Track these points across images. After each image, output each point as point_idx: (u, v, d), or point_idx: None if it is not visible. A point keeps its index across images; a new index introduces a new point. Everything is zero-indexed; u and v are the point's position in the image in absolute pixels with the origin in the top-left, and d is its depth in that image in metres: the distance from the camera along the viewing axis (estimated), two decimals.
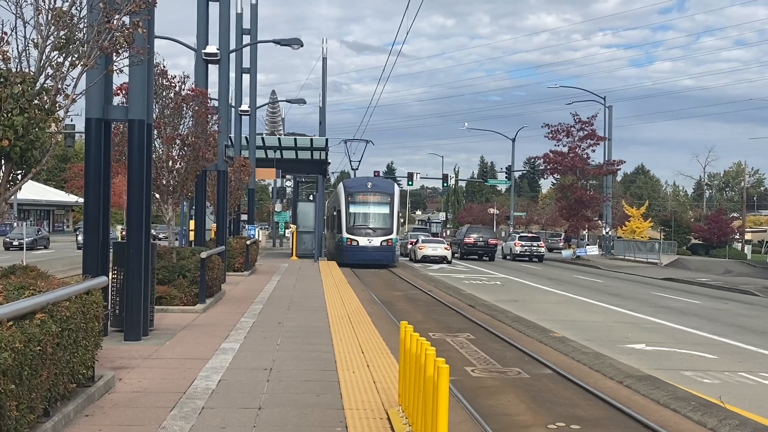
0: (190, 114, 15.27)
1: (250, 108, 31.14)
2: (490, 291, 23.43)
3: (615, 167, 50.90)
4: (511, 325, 15.37)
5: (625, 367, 10.87)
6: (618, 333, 14.98)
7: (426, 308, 18.22)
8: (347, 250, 31.48)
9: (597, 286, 27.26)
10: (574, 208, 48.95)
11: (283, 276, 24.01)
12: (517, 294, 22.70)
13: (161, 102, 14.70)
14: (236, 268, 23.52)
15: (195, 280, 14.37)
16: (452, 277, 28.72)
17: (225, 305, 15.43)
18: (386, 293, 21.65)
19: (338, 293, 18.66)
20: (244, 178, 26.29)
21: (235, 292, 18.16)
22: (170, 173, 14.92)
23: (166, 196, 15.01)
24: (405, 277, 28.03)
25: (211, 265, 15.10)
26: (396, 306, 18.38)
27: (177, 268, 14.40)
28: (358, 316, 14.38)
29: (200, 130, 15.36)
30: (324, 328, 12.62)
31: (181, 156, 15.05)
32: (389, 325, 14.44)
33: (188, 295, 14.24)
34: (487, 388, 9.43)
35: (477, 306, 18.68)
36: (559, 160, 48.68)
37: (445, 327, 14.91)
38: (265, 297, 17.26)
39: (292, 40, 22.57)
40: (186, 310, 13.86)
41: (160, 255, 14.29)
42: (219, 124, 17.58)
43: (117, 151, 13.85)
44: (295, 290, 19.38)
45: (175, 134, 14.85)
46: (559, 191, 54.22)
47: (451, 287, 23.83)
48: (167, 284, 14.10)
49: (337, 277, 24.31)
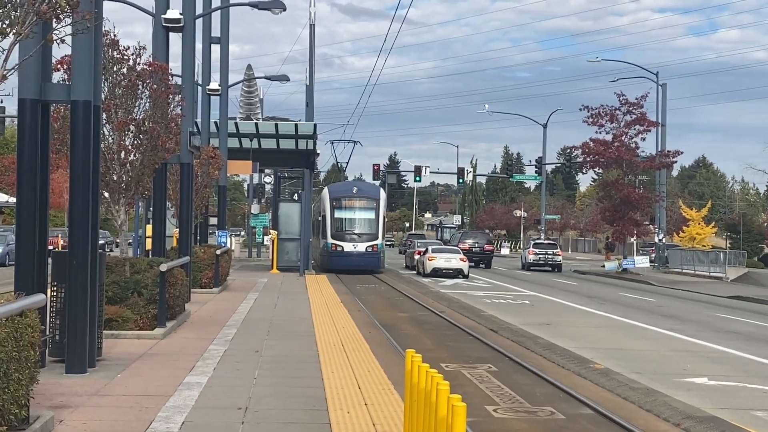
0: (147, 94, 15.26)
1: (221, 87, 31.16)
2: (516, 312, 23.46)
3: (670, 159, 51.00)
4: (542, 354, 15.39)
5: (683, 406, 10.87)
6: (674, 364, 14.98)
7: (437, 333, 18.23)
8: (332, 255, 37.00)
9: (648, 306, 27.28)
10: (619, 209, 48.98)
11: (261, 293, 24.03)
12: (550, 315, 22.73)
13: (111, 79, 14.68)
14: (204, 284, 23.56)
15: (153, 299, 14.37)
16: (469, 295, 28.75)
17: (190, 329, 15.43)
18: (388, 315, 21.66)
19: (329, 315, 18.67)
20: (213, 172, 26.32)
21: (202, 314, 18.16)
22: (122, 167, 14.92)
23: (117, 195, 15.01)
24: (411, 294, 28.06)
25: (173, 281, 15.12)
26: (400, 330, 18.38)
27: (131, 284, 14.40)
28: (353, 342, 14.38)
29: (159, 114, 15.36)
30: (312, 357, 12.61)
31: (136, 145, 15.05)
32: (392, 354, 14.41)
33: (145, 317, 14.23)
34: (513, 431, 9.42)
35: (500, 331, 18.72)
36: (601, 151, 48.74)
37: (460, 356, 14.90)
38: (240, 319, 17.27)
39: (272, 3, 22.62)
40: (142, 335, 13.87)
41: (110, 267, 14.28)
42: (183, 107, 17.58)
43: (57, 140, 13.87)
44: (276, 311, 19.38)
45: (128, 119, 14.85)
46: (600, 189, 54.32)
47: (468, 307, 23.87)
48: (119, 304, 14.10)
49: (328, 294, 24.32)
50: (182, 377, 10.65)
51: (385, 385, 10.55)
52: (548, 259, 48.84)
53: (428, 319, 20.96)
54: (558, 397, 11.51)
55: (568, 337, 18.17)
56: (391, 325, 19.21)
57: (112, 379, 10.45)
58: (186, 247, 20.09)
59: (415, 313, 22.30)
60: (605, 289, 35.26)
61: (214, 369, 11.35)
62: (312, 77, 39.66)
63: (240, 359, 12.23)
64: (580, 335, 18.69)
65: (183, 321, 16.22)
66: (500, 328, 19.18)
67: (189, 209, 20.34)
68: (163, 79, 15.64)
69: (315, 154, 39.08)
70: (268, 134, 36.88)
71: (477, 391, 11.71)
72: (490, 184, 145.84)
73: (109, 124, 14.71)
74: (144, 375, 10.76)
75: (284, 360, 12.31)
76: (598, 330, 19.94)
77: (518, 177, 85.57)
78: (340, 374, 11.23)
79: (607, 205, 50.56)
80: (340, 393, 9.94)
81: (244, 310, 19.10)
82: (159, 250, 18.86)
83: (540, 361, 14.63)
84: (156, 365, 11.51)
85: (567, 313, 23.67)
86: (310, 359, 12.41)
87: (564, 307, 25.61)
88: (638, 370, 14.02)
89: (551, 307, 25.40)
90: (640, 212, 50.30)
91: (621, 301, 28.56)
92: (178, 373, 10.89)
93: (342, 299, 23.23)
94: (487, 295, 29.33)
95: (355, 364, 12.07)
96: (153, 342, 13.56)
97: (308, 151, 38.10)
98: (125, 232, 15.59)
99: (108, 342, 12.82)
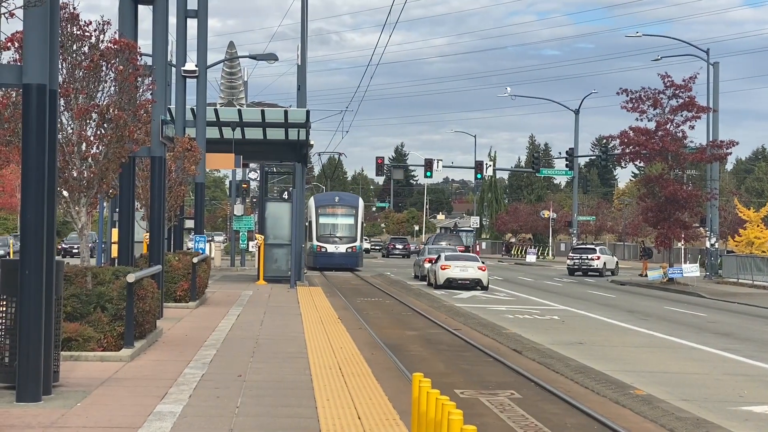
0: (112, 76, 15.30)
1: (199, 68, 31.22)
2: (543, 329, 23.49)
3: (723, 150, 50.90)
4: (573, 379, 15.43)
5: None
6: (728, 389, 14.98)
7: (451, 354, 18.28)
8: (318, 255, 48.22)
9: (698, 322, 27.25)
10: (664, 209, 48.86)
11: (245, 308, 24.07)
12: (583, 333, 22.75)
13: (71, 59, 14.73)
14: (178, 297, 23.59)
15: (119, 315, 14.38)
16: (489, 310, 28.77)
17: (162, 350, 15.44)
18: (394, 333, 21.69)
19: (325, 333, 18.70)
20: (189, 167, 26.34)
21: (176, 332, 18.19)
22: (83, 161, 14.95)
23: (77, 194, 15.03)
24: (421, 309, 28.08)
25: (143, 293, 15.12)
26: (408, 351, 18.41)
27: (93, 298, 14.40)
28: (353, 365, 14.39)
29: (126, 100, 15.39)
30: (304, 382, 12.61)
31: (100, 136, 15.08)
32: (398, 380, 14.42)
33: (109, 336, 14.23)
34: None
35: (525, 351, 18.76)
36: (642, 141, 48.64)
37: (478, 381, 14.93)
38: (220, 338, 17.30)
39: None
40: (106, 357, 13.87)
41: (69, 278, 14.29)
42: (153, 91, 17.59)
43: (8, 130, 13.89)
44: (262, 328, 19.42)
45: (90, 105, 14.89)
46: (642, 185, 54.16)
47: (488, 324, 23.91)
48: (79, 320, 14.10)
49: (324, 310, 24.35)
50: (153, 406, 10.64)
51: (389, 415, 10.54)
52: (582, 263, 50.63)
53: (441, 338, 21.00)
54: (592, 428, 11.50)
55: (604, 358, 18.18)
56: (397, 345, 19.25)
57: (71, 408, 10.43)
58: (157, 254, 20.10)
59: (425, 331, 22.33)
60: (648, 302, 35.22)
61: (189, 396, 11.34)
62: (304, 56, 39.61)
63: (220, 385, 12.22)
64: (618, 356, 18.69)
65: (154, 340, 16.22)
66: (525, 348, 19.21)
67: (161, 210, 20.36)
68: (130, 59, 15.65)
69: (308, 146, 39.09)
70: (254, 122, 36.87)
71: (497, 422, 11.70)
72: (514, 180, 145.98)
73: (67, 112, 14.74)
74: (108, 403, 10.76)
75: (272, 386, 12.30)
76: (639, 350, 19.94)
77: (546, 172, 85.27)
78: (337, 402, 11.22)
79: (649, 204, 50.40)
80: (337, 424, 9.93)
81: (225, 328, 19.11)
82: (126, 258, 18.84)
83: (571, 387, 14.64)
84: (122, 392, 11.50)
85: (603, 331, 23.69)
86: (302, 385, 12.39)
87: (600, 324, 25.61)
88: (686, 397, 14.01)
89: (585, 324, 25.40)
90: (689, 212, 50.15)
91: (666, 317, 28.54)
92: (148, 401, 10.88)
93: (340, 315, 23.25)
94: (509, 309, 29.33)
95: (354, 391, 12.05)
96: (119, 365, 13.55)
97: (300, 142, 38.09)
98: (87, 237, 15.61)
99: (66, 365, 12.81)
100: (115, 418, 9.96)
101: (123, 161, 16.06)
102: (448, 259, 40.00)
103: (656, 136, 48.57)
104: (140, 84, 16.16)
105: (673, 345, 21.05)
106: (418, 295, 34.92)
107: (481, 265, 39.37)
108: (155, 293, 16.05)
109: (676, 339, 22.13)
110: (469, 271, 38.78)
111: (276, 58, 35.58)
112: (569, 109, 76.76)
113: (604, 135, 61.34)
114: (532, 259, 79.44)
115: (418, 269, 47.58)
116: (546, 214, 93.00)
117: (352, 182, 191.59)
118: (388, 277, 47.58)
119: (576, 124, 74.44)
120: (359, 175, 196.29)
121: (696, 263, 53.68)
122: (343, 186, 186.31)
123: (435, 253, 44.26)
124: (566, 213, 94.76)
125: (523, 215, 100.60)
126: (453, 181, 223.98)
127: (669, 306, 33.22)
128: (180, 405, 10.77)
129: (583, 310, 29.59)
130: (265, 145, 39.41)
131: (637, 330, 24.11)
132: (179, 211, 27.37)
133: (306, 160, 39.37)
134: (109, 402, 10.86)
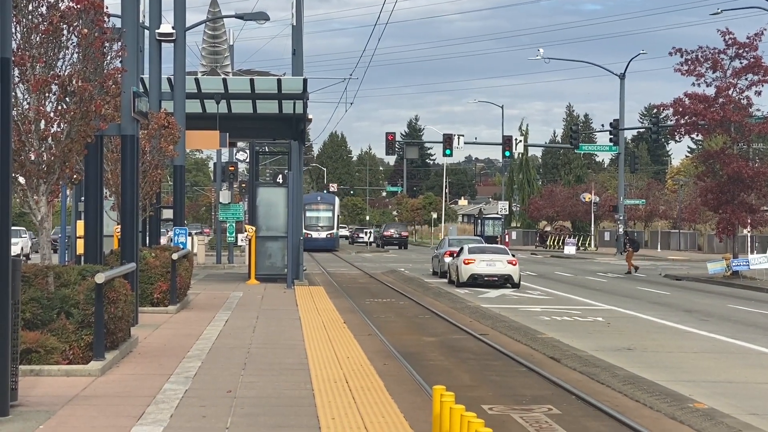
0: (75, 41, 15.30)
1: (176, 30, 31.21)
2: (585, 333, 23.48)
3: None
4: (621, 391, 15.40)
5: None
6: None
7: (477, 364, 18.27)
8: (306, 241, 51.25)
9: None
10: (726, 190, 48.74)
11: (234, 312, 24.13)
12: (632, 337, 22.72)
13: (26, 22, 14.72)
14: (156, 301, 23.65)
15: (87, 321, 14.40)
16: (521, 311, 28.76)
17: (138, 362, 15.46)
18: (410, 339, 21.71)
19: (328, 340, 18.74)
20: (166, 147, 26.38)
21: (154, 340, 18.23)
22: (42, 141, 14.96)
23: (36, 181, 15.04)
24: (441, 311, 28.10)
25: (114, 296, 15.15)
26: (427, 361, 18.42)
27: (56, 302, 14.41)
28: (362, 378, 14.42)
29: (92, 69, 15.39)
30: (304, 398, 12.62)
31: (61, 112, 15.10)
32: (415, 394, 14.43)
33: (76, 347, 14.24)
34: None
35: (563, 359, 18.75)
36: (700, 110, 48.45)
37: (509, 395, 14.92)
38: (206, 348, 17.34)
39: None
40: (73, 371, 13.91)
41: (27, 279, 14.31)
42: (124, 58, 17.59)
43: None
44: (255, 336, 19.46)
45: (50, 76, 14.90)
46: (700, 162, 54.05)
47: (520, 328, 23.89)
48: (40, 328, 14.13)
49: (327, 312, 24.40)
50: (128, 428, 10.67)
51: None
52: None
53: (465, 345, 21.00)
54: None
55: (657, 366, 18.14)
56: (414, 353, 19.25)
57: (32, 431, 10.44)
58: (131, 250, 20.12)
59: (446, 337, 22.33)
60: (708, 299, 35.15)
61: (171, 416, 11.37)
62: (300, 14, 39.54)
63: (206, 402, 12.23)
64: (674, 364, 18.64)
65: (128, 351, 16.26)
66: (564, 355, 19.19)
67: (134, 198, 20.37)
68: (96, 22, 15.65)
69: (305, 120, 39.03)
70: (241, 94, 36.83)
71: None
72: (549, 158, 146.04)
73: (23, 84, 14.74)
74: (76, 425, 10.79)
75: (267, 403, 12.30)
76: (698, 356, 19.88)
77: (586, 148, 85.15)
78: (344, 421, 11.24)
79: (709, 184, 50.25)
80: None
81: (211, 336, 19.14)
82: (94, 255, 18.86)
83: (619, 400, 14.62)
84: (92, 412, 11.52)
85: (656, 334, 23.65)
86: (302, 402, 12.40)
87: (652, 326, 25.57)
88: (755, 411, 13.99)
89: (634, 326, 25.36)
90: (756, 194, 49.99)
91: (730, 317, 28.47)
92: (122, 423, 10.91)
93: (346, 319, 23.26)
94: (545, 310, 29.31)
95: (364, 408, 12.07)
96: (88, 380, 13.58)
97: (296, 117, 38.04)
98: (47, 230, 15.63)
99: (26, 381, 12.85)
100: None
101: (89, 141, 16.06)
102: (473, 251, 39.84)
103: (716, 103, 48.37)
104: (108, 50, 16.16)
105: (739, 350, 20.97)
106: (437, 294, 34.90)
107: (512, 259, 39.27)
108: (129, 296, 16.08)
109: (743, 343, 22.04)
110: (497, 266, 38.68)
111: (267, 17, 35.49)
112: (613, 73, 76.72)
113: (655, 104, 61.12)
114: (571, 251, 79.12)
115: (437, 264, 47.49)
116: (587, 197, 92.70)
117: (359, 162, 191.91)
118: (401, 274, 47.62)
119: (621, 90, 74.29)
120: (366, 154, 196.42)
121: (765, 253, 53.54)
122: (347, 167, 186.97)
123: (456, 245, 44.13)
124: (611, 196, 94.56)
125: (560, 199, 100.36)
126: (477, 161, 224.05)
127: (733, 304, 33.14)
128: (160, 426, 10.80)
129: (631, 310, 29.54)
130: (255, 120, 39.40)
131: (696, 333, 24.04)
132: (155, 199, 27.39)
133: (304, 138, 39.35)
134: (77, 424, 10.89)
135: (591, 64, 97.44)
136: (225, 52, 52.02)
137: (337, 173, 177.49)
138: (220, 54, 51.48)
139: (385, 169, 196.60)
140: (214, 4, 50.71)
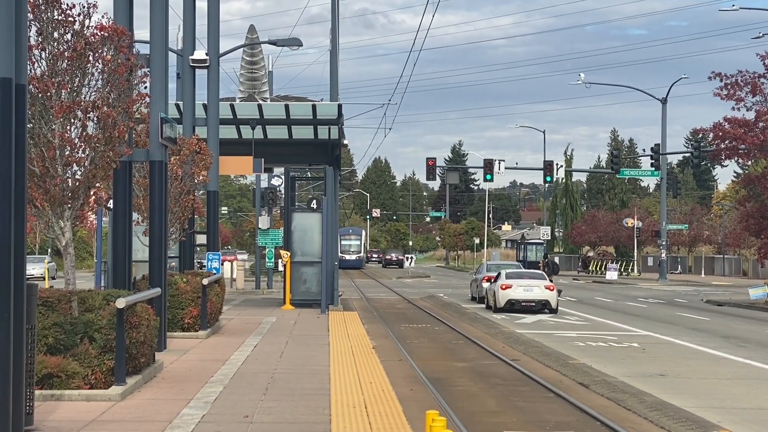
0: (100, 68, 15.41)
1: (210, 56, 31.24)
2: (619, 359, 23.31)
3: None
4: (647, 417, 15.32)
5: None
6: None
7: (505, 389, 18.21)
8: (340, 262, 53.75)
9: None
10: (767, 215, 48.28)
11: (264, 337, 24.14)
12: (666, 363, 22.54)
13: (51, 49, 14.84)
14: (186, 326, 23.61)
15: (109, 347, 14.44)
16: (556, 337, 28.58)
17: (159, 387, 15.50)
18: (440, 365, 21.65)
19: (353, 365, 18.69)
20: (199, 172, 26.41)
21: (179, 366, 18.26)
22: (66, 167, 15.05)
23: (60, 207, 15.12)
24: (474, 336, 27.98)
25: (136, 321, 15.18)
26: (454, 386, 18.36)
27: (80, 327, 14.46)
28: (382, 403, 14.36)
29: (116, 95, 15.51)
30: (320, 424, 12.59)
31: (85, 138, 15.19)
32: None
33: (98, 372, 14.28)
34: None
35: (592, 385, 18.64)
36: (739, 134, 48.07)
37: (533, 421, 14.87)
38: (230, 373, 17.36)
39: None
40: (93, 395, 13.94)
41: (50, 305, 14.36)
42: (151, 84, 17.68)
43: None
44: (281, 361, 19.45)
45: (74, 102, 15.00)
46: (742, 187, 53.56)
47: (552, 353, 23.74)
48: (63, 353, 14.17)
49: (357, 338, 24.36)
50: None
51: None
52: None
53: (495, 371, 20.94)
54: None
55: (688, 392, 18.01)
56: (441, 379, 19.24)
57: None
58: (159, 275, 20.16)
59: (477, 363, 22.28)
60: (747, 325, 34.80)
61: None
62: (335, 38, 39.56)
63: (222, 427, 12.25)
64: (705, 390, 18.49)
65: (152, 376, 16.29)
66: (593, 381, 19.07)
67: (162, 224, 20.42)
68: (120, 48, 15.76)
69: (341, 146, 38.98)
70: (276, 119, 36.79)
71: None
72: (593, 183, 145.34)
73: (48, 110, 14.85)
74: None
75: (282, 429, 12.31)
76: (732, 383, 19.71)
77: (628, 173, 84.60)
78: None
79: (750, 209, 49.80)
80: None
81: (237, 360, 19.17)
82: (122, 280, 18.93)
83: (643, 426, 14.54)
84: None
85: (691, 360, 23.47)
86: (317, 428, 12.38)
87: (687, 352, 25.37)
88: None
89: (669, 352, 25.16)
90: None
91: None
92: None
93: (378, 344, 23.27)
94: (580, 336, 29.11)
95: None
96: (107, 405, 13.61)
97: (331, 142, 37.98)
98: (72, 255, 15.70)
99: (46, 405, 12.90)
100: None
101: (114, 167, 16.17)
102: (510, 277, 39.68)
103: (756, 127, 47.96)
104: (132, 76, 16.27)
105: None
106: (473, 320, 34.77)
107: (549, 284, 39.09)
108: (152, 321, 16.10)
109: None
110: (535, 291, 38.46)
111: (300, 43, 35.45)
112: (655, 98, 76.28)
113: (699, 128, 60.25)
114: (613, 276, 78.29)
115: (475, 289, 47.29)
116: (629, 222, 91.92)
117: (402, 188, 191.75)
118: (440, 299, 47.49)
119: (663, 115, 73.87)
120: (410, 179, 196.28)
121: None
122: (391, 193, 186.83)
123: (494, 271, 43.94)
124: (654, 221, 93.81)
125: (602, 224, 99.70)
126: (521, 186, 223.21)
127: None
128: None
129: (669, 336, 29.32)
130: (290, 145, 39.36)
131: (732, 359, 23.82)
132: (188, 224, 27.42)
133: (339, 163, 39.24)
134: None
135: (632, 88, 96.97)
136: (263, 78, 52.15)
137: (380, 199, 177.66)
138: (258, 80, 51.64)
139: (429, 194, 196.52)
140: (252, 31, 50.89)
